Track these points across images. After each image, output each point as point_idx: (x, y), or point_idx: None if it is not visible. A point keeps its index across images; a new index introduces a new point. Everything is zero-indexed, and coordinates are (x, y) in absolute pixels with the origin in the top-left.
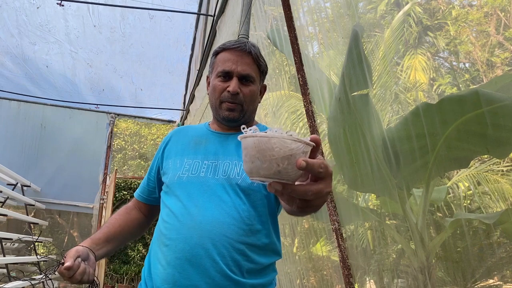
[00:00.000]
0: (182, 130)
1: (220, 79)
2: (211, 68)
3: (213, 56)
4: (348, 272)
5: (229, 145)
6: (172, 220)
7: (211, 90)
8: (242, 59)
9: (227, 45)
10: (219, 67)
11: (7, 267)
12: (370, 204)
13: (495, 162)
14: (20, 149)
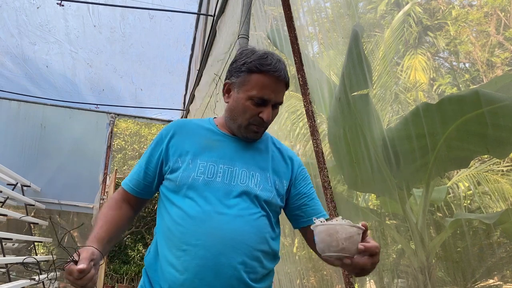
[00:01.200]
0: (186, 124)
1: (252, 102)
2: (239, 81)
3: (246, 72)
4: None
5: (246, 152)
6: (187, 223)
7: (239, 108)
8: (278, 87)
9: (266, 68)
10: (255, 91)
11: (7, 267)
12: (370, 204)
13: (495, 162)
14: (20, 149)
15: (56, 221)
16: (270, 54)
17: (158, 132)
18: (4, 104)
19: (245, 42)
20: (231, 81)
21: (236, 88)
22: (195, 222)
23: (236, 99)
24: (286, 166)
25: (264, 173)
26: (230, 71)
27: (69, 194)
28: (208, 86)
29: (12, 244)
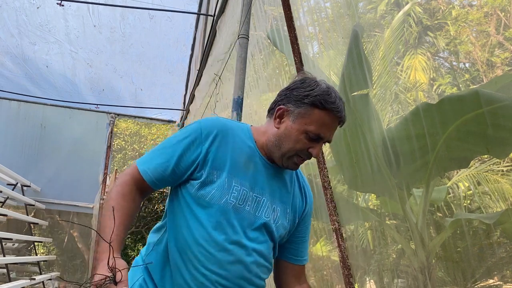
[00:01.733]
0: (229, 131)
1: (306, 137)
2: (298, 111)
3: (309, 105)
4: (348, 272)
5: (274, 182)
6: (212, 249)
7: (291, 138)
8: (335, 126)
9: (330, 106)
10: (313, 127)
11: (7, 267)
12: (370, 204)
13: (495, 162)
14: (20, 149)
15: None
16: (333, 90)
17: (194, 123)
18: (4, 104)
19: (245, 42)
20: (288, 108)
21: (293, 117)
22: (219, 250)
23: (289, 128)
24: (302, 203)
25: (285, 208)
26: (288, 97)
27: (69, 194)
28: (208, 86)
29: (12, 244)
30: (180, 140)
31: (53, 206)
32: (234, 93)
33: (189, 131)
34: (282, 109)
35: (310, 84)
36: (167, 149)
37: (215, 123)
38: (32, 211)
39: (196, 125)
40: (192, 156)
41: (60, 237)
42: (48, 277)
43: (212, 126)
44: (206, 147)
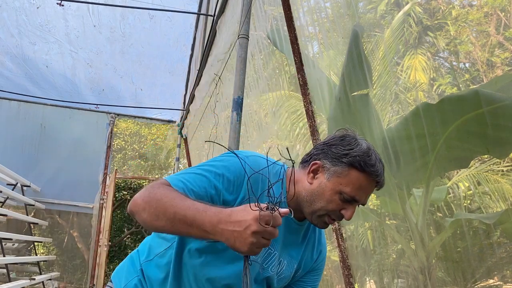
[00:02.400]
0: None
1: (340, 197)
2: (335, 170)
3: (347, 165)
4: (348, 272)
5: (290, 236)
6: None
7: (324, 197)
8: (371, 189)
9: (369, 169)
10: (349, 189)
11: (7, 267)
12: (370, 204)
13: (495, 162)
14: (20, 149)
15: (56, 221)
16: (373, 151)
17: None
18: (4, 104)
19: (245, 42)
20: (324, 164)
21: (328, 175)
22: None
23: (323, 186)
24: (311, 259)
25: (292, 263)
26: (325, 153)
27: (69, 194)
28: (208, 86)
29: (12, 244)
30: (221, 173)
31: (53, 206)
32: (234, 93)
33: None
34: (317, 165)
35: (350, 142)
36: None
37: (256, 165)
38: (32, 211)
39: (236, 161)
40: (226, 197)
41: (60, 237)
42: (48, 277)
43: (253, 169)
44: (241, 194)
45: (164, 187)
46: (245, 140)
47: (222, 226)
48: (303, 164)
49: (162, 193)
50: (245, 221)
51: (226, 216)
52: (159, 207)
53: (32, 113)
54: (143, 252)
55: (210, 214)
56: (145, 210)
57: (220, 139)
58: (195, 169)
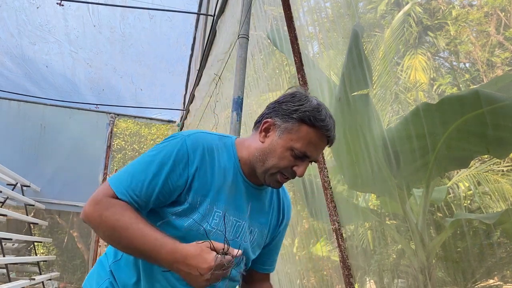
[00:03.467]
0: (213, 152)
1: (292, 153)
2: (285, 126)
3: (297, 120)
4: (348, 272)
5: (254, 204)
6: None
7: (276, 154)
8: (322, 145)
9: (319, 124)
10: (300, 144)
11: (7, 267)
12: (370, 204)
13: (495, 162)
14: (20, 149)
15: (56, 221)
16: (324, 107)
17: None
18: (4, 104)
19: (245, 42)
20: (275, 122)
21: (279, 132)
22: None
23: (275, 143)
24: (279, 220)
25: (262, 230)
26: (276, 111)
27: (69, 194)
28: (208, 86)
29: (12, 244)
30: (164, 162)
31: (53, 206)
32: (234, 93)
33: (172, 151)
34: (268, 123)
35: (300, 98)
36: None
37: (200, 142)
38: (32, 211)
39: (181, 145)
40: (178, 182)
41: (60, 237)
42: (48, 277)
43: (198, 146)
44: (192, 172)
45: (113, 209)
46: None
47: (177, 266)
48: (256, 126)
49: (113, 219)
50: (199, 268)
51: (182, 257)
52: (113, 234)
53: (32, 113)
54: (110, 254)
55: (165, 253)
56: (98, 231)
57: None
58: (138, 166)
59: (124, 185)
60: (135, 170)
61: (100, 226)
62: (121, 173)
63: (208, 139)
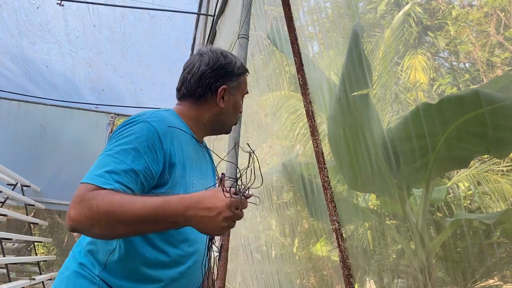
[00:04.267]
0: (172, 129)
1: (242, 100)
2: (236, 85)
3: (241, 75)
4: (348, 272)
5: (205, 162)
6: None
7: (236, 110)
8: None
9: (245, 68)
10: (246, 88)
11: (7, 267)
12: (370, 204)
13: (495, 162)
14: (20, 149)
15: (56, 221)
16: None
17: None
18: (4, 104)
19: (245, 42)
20: (228, 86)
21: (233, 91)
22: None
23: (233, 101)
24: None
25: (214, 181)
26: (224, 76)
27: (69, 194)
28: None
29: (12, 244)
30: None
31: (53, 206)
32: None
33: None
34: (224, 89)
35: (227, 56)
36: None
37: (162, 120)
38: (32, 211)
39: (147, 128)
40: (157, 163)
41: (60, 237)
42: (48, 277)
43: (162, 125)
44: (168, 151)
45: (101, 196)
46: (245, 140)
47: (191, 213)
48: (197, 99)
49: (105, 203)
50: (216, 208)
51: (194, 203)
52: (111, 218)
53: (32, 113)
54: (90, 263)
55: (174, 205)
56: (94, 226)
57: (220, 139)
58: (112, 158)
59: (105, 177)
60: (111, 162)
61: (93, 218)
62: (95, 169)
63: (164, 115)
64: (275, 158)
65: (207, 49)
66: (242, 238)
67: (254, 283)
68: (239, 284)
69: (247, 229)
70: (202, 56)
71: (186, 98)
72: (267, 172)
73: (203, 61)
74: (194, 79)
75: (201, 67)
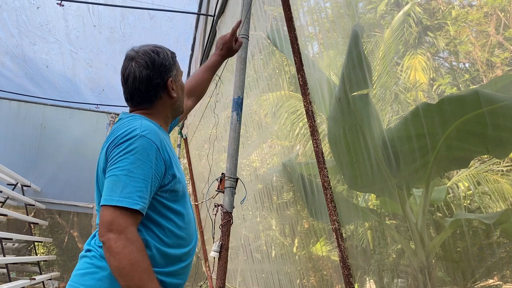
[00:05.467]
0: (161, 137)
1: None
2: (176, 72)
3: (175, 61)
4: (348, 272)
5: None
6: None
7: (181, 90)
8: None
9: (173, 54)
10: (179, 68)
11: (7, 267)
12: (370, 204)
13: (495, 162)
14: (20, 149)
15: (56, 221)
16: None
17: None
18: (4, 104)
19: (245, 42)
20: (173, 76)
21: (175, 79)
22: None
23: (180, 86)
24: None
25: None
26: (164, 71)
27: (69, 194)
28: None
29: (12, 244)
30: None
31: (53, 206)
32: (234, 93)
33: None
34: (171, 81)
35: (159, 51)
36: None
37: (153, 130)
38: (32, 211)
39: (147, 141)
40: (161, 172)
41: (60, 237)
42: (48, 277)
43: (156, 136)
44: (165, 157)
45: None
46: (245, 140)
47: None
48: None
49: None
50: None
51: None
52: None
53: (32, 113)
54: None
55: None
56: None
57: (220, 139)
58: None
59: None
60: (131, 184)
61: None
62: (116, 190)
63: (151, 126)
64: (275, 158)
65: (135, 53)
66: (242, 238)
67: (254, 283)
68: (239, 284)
69: (247, 229)
70: (135, 61)
71: (142, 104)
72: (267, 172)
73: (141, 65)
74: (143, 85)
75: (143, 73)
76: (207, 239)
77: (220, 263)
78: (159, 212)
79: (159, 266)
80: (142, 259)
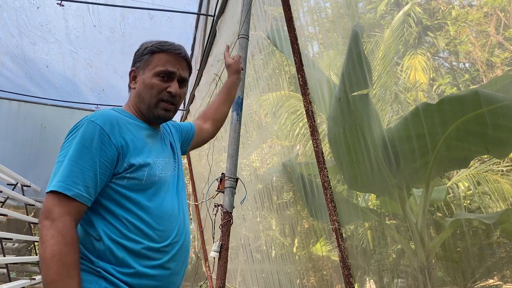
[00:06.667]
0: (118, 118)
1: (159, 79)
2: (142, 64)
3: (148, 54)
4: (348, 272)
5: (161, 143)
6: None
7: (147, 88)
8: (181, 63)
9: (166, 47)
10: (159, 66)
11: (7, 267)
12: (370, 204)
13: (495, 162)
14: (20, 149)
15: None
16: (169, 42)
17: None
18: (4, 104)
19: (245, 42)
20: (136, 67)
21: (141, 71)
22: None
23: (142, 80)
24: (174, 139)
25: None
26: (134, 62)
27: None
28: (208, 86)
29: (12, 244)
30: (89, 146)
31: None
32: None
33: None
34: (133, 71)
35: (147, 42)
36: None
37: (105, 115)
38: (32, 211)
39: (92, 125)
40: (110, 156)
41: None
42: None
43: (106, 120)
44: (117, 141)
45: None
46: (245, 140)
47: None
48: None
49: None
50: None
51: None
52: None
53: (32, 113)
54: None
55: None
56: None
57: (220, 139)
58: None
59: (67, 182)
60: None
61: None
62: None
63: (107, 112)
64: (275, 158)
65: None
66: (242, 238)
67: (254, 282)
68: (239, 283)
69: (247, 229)
70: None
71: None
72: (267, 172)
73: None
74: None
75: None
76: (207, 239)
77: (220, 263)
78: (115, 201)
79: (121, 265)
80: (67, 253)
